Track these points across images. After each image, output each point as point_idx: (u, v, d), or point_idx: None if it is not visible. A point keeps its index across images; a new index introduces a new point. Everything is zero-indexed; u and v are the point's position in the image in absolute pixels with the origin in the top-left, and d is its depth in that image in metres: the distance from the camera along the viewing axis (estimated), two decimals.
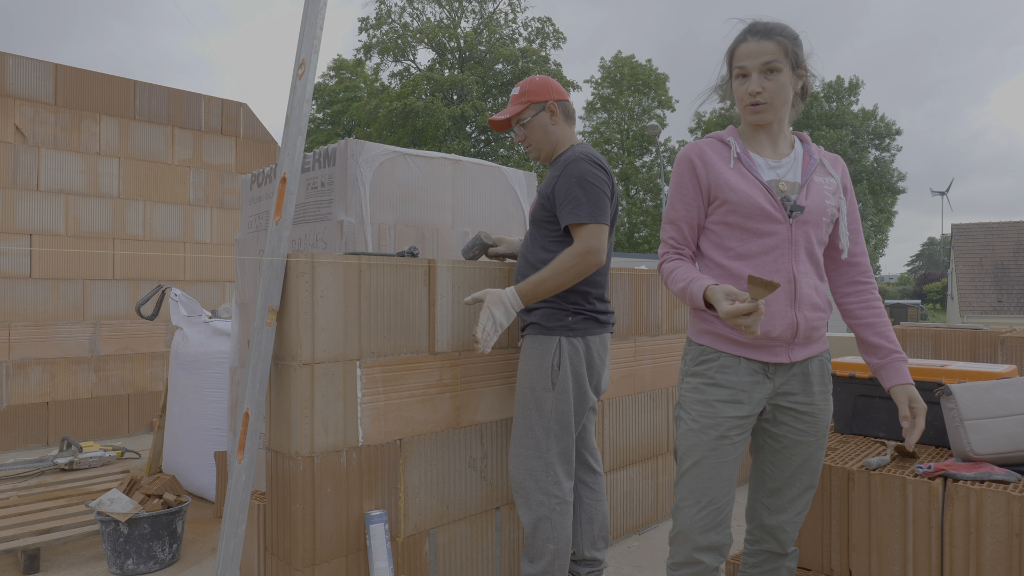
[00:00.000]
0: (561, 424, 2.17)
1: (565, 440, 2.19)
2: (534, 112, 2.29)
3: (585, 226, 2.09)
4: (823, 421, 1.73)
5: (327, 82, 32.27)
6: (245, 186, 3.14)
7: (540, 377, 2.16)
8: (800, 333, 1.64)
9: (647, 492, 3.24)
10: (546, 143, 2.31)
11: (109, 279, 5.39)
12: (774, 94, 1.63)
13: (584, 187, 2.11)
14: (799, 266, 1.63)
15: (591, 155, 2.19)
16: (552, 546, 2.16)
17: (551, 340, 2.17)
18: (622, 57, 34.36)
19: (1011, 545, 1.88)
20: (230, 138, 6.16)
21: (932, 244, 67.27)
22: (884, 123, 34.89)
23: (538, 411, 2.17)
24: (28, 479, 3.89)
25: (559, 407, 2.16)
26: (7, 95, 4.97)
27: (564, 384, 2.16)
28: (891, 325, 1.77)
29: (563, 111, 2.31)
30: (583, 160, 2.15)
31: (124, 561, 2.65)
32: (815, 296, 1.66)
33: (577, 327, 2.18)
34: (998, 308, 20.90)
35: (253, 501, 2.14)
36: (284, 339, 1.96)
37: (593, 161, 2.16)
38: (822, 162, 1.75)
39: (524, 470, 2.18)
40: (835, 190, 1.72)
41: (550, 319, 2.18)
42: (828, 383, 1.74)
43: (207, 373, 3.53)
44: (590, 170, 2.13)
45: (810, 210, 1.64)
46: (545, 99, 2.29)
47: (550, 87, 2.31)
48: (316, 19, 2.07)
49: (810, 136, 26.51)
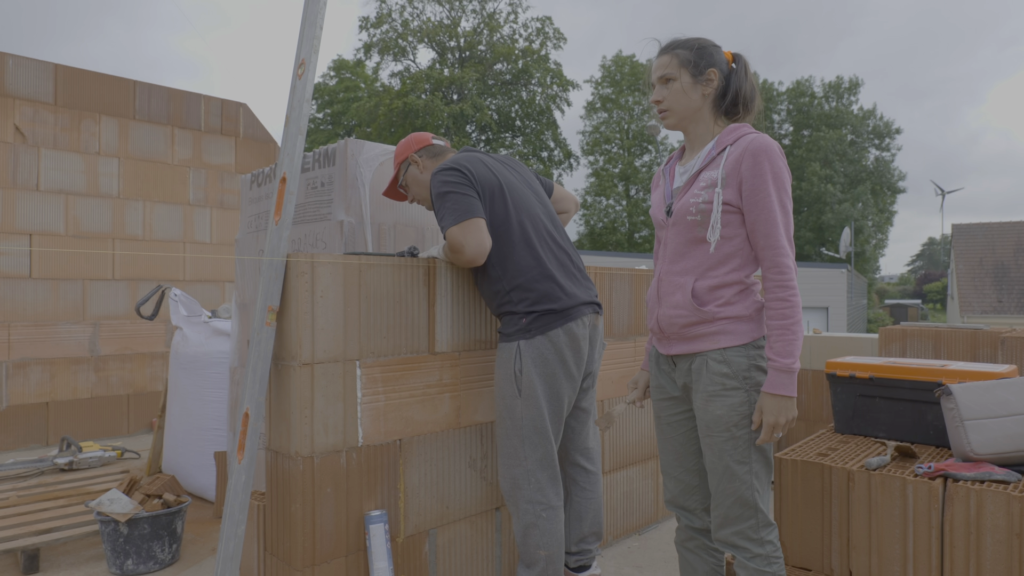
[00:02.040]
0: (536, 430, 2.15)
1: (542, 446, 2.16)
2: (404, 170, 2.43)
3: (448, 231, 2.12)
4: (704, 422, 1.75)
5: (327, 82, 32.26)
6: (245, 186, 3.14)
7: (507, 385, 2.15)
8: (664, 329, 1.81)
9: (647, 492, 3.24)
10: (424, 192, 2.42)
11: (109, 279, 5.39)
12: (672, 101, 1.79)
13: (438, 199, 2.15)
14: (665, 266, 1.82)
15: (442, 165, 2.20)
16: (543, 552, 2.15)
17: (511, 346, 2.15)
18: (622, 57, 34.37)
19: (1011, 545, 1.88)
20: (230, 138, 6.16)
21: (932, 244, 67.28)
22: (883, 122, 34.91)
23: (511, 420, 2.16)
24: (28, 479, 3.89)
25: (529, 413, 2.14)
26: (7, 95, 4.97)
27: (530, 389, 2.13)
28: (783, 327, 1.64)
29: (428, 155, 2.41)
30: (434, 176, 2.18)
31: (124, 561, 2.65)
32: (676, 295, 1.77)
33: (533, 327, 2.13)
34: (998, 308, 20.90)
35: (253, 501, 2.14)
36: (284, 339, 1.96)
37: (441, 169, 2.18)
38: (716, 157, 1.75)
39: (508, 480, 2.19)
40: (710, 184, 1.72)
41: (509, 325, 2.17)
42: (713, 385, 1.72)
43: (207, 373, 3.53)
44: (438, 180, 2.16)
45: (675, 211, 1.79)
46: (407, 155, 2.41)
47: (410, 143, 2.43)
48: (316, 19, 2.06)
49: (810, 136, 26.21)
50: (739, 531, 1.75)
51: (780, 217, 1.66)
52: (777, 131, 35.39)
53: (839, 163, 33.03)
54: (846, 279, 21.35)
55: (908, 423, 2.47)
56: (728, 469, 1.74)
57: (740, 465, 1.73)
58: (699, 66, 1.78)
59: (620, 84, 34.09)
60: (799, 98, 35.22)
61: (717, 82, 1.79)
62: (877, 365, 2.54)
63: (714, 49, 1.81)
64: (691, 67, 1.77)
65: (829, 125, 33.88)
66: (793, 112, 35.56)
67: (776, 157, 1.67)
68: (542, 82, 29.82)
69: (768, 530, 1.76)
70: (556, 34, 30.51)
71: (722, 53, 1.82)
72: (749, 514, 1.74)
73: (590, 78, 37.46)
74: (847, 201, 32.25)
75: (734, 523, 1.76)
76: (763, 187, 1.66)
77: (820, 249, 33.40)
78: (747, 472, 1.73)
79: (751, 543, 1.74)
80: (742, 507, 1.74)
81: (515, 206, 2.21)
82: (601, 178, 34.22)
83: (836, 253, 27.45)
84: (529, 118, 30.16)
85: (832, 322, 20.86)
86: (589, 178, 35.06)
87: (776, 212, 1.66)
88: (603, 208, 34.07)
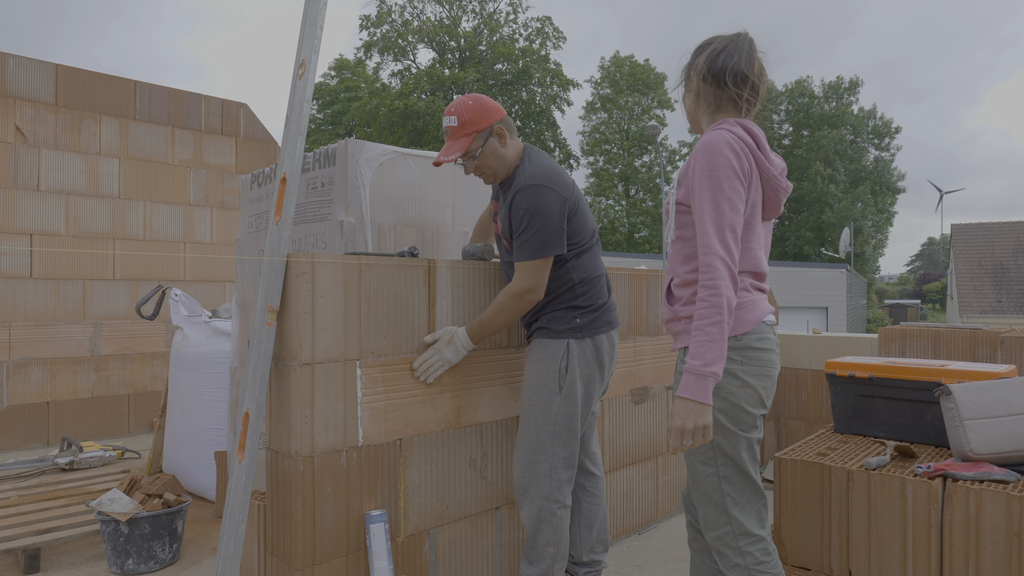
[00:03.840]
0: (567, 428, 2.17)
1: (570, 445, 2.19)
2: (483, 140, 2.18)
3: (525, 263, 2.10)
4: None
5: (328, 82, 32.27)
6: (245, 186, 3.14)
7: (547, 380, 2.16)
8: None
9: (647, 492, 3.24)
10: (500, 166, 2.22)
11: (109, 279, 5.39)
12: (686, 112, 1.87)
13: (531, 220, 2.07)
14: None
15: (541, 175, 2.12)
16: (552, 550, 2.17)
17: (559, 343, 2.16)
18: (621, 57, 34.37)
19: (1010, 545, 1.88)
20: (230, 138, 6.16)
21: (932, 244, 67.29)
22: (883, 121, 34.92)
23: (544, 415, 2.16)
24: (28, 479, 3.89)
25: (566, 411, 2.16)
26: (7, 95, 4.97)
27: (572, 388, 2.16)
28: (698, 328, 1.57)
29: (507, 128, 2.22)
30: (534, 187, 2.09)
31: (124, 561, 2.65)
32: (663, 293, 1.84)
33: (585, 328, 2.18)
34: (998, 308, 20.90)
35: (253, 501, 2.15)
36: (284, 339, 1.96)
37: (543, 185, 2.09)
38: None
39: (529, 474, 2.18)
40: (675, 183, 1.78)
41: (558, 322, 2.18)
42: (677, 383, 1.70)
43: (207, 373, 3.53)
44: (540, 199, 2.08)
45: None
46: (490, 124, 2.18)
47: (490, 109, 2.19)
48: (316, 19, 2.07)
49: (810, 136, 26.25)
50: (718, 536, 1.74)
51: (710, 214, 1.58)
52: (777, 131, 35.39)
53: (840, 162, 33.04)
54: (846, 279, 21.36)
55: (908, 423, 2.48)
56: (694, 468, 1.75)
57: (704, 466, 1.72)
58: (687, 73, 1.80)
59: (619, 84, 34.08)
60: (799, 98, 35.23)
61: (697, 82, 1.76)
62: (876, 365, 2.54)
63: (701, 50, 1.77)
64: (684, 76, 1.82)
65: (830, 125, 33.88)
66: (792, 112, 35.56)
67: (713, 154, 1.60)
68: (542, 82, 29.83)
69: (747, 540, 1.71)
70: (556, 33, 30.52)
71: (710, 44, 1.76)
72: (723, 520, 1.72)
73: (590, 79, 37.44)
74: (847, 201, 32.25)
75: (712, 527, 1.75)
76: (696, 184, 1.63)
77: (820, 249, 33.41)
78: (712, 475, 1.71)
79: (731, 551, 1.72)
80: (715, 511, 1.73)
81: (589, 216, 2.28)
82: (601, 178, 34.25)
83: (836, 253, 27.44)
84: (529, 118, 30.16)
85: (831, 322, 20.87)
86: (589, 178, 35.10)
87: (706, 209, 1.59)
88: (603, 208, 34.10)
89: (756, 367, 1.67)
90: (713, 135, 1.63)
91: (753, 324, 1.68)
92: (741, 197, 1.61)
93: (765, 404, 1.70)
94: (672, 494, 3.39)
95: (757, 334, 1.69)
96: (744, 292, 1.70)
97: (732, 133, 1.64)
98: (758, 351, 1.68)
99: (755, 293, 1.73)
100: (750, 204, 1.67)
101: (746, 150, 1.64)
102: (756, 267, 1.72)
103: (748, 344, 1.67)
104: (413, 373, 2.16)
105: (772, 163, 1.71)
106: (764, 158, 1.69)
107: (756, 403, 1.68)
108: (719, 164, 1.59)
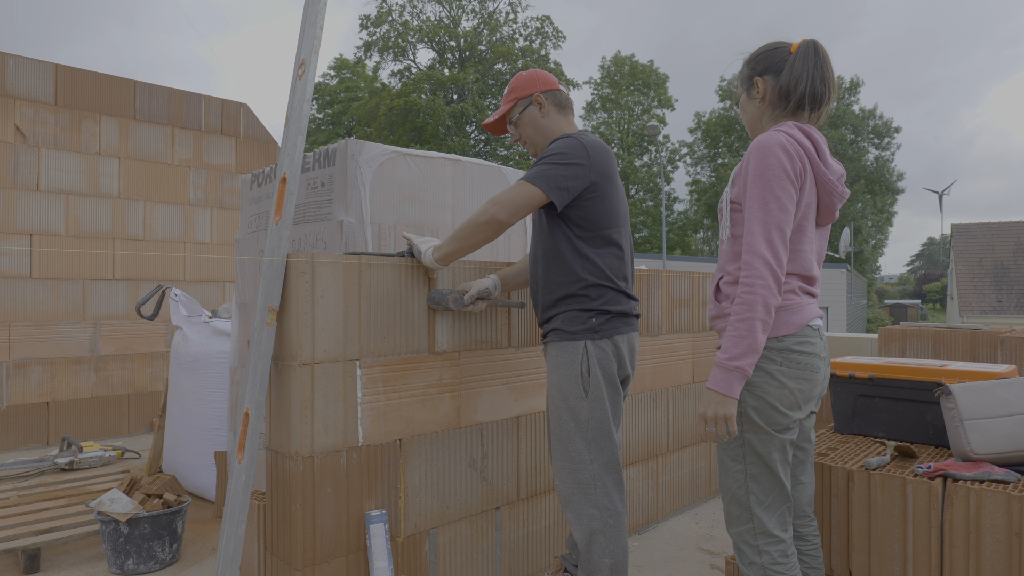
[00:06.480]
0: (601, 432, 2.05)
1: (608, 448, 2.06)
2: (522, 108, 2.18)
3: (517, 182, 1.99)
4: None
5: (327, 82, 32.27)
6: (245, 186, 3.14)
7: (571, 386, 2.03)
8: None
9: (647, 492, 3.24)
10: (539, 137, 2.18)
11: (109, 279, 5.39)
12: (742, 117, 1.89)
13: (547, 155, 2.01)
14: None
15: (578, 135, 2.07)
16: (609, 560, 2.04)
17: (576, 345, 2.03)
18: (621, 57, 34.38)
19: (1011, 545, 1.88)
20: (230, 138, 6.16)
21: (932, 244, 67.26)
22: (883, 121, 34.94)
23: (575, 422, 2.03)
24: (28, 479, 3.89)
25: (596, 415, 2.03)
26: (7, 95, 4.97)
27: (597, 390, 2.03)
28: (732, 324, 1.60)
29: (553, 101, 2.18)
30: (564, 137, 2.05)
31: (124, 561, 2.65)
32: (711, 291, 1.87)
33: (603, 328, 2.05)
34: (998, 308, 20.90)
35: (253, 501, 2.15)
36: (284, 339, 1.96)
37: (573, 136, 2.05)
38: None
39: (572, 484, 2.05)
40: (730, 182, 1.78)
41: (572, 323, 2.05)
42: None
43: (207, 373, 3.53)
44: (565, 142, 2.03)
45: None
46: (531, 92, 2.17)
47: (536, 79, 2.18)
48: (316, 19, 2.07)
49: None
50: (738, 532, 1.76)
51: (758, 213, 1.61)
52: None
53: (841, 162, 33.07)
54: (846, 279, 21.36)
55: (908, 423, 2.48)
56: (723, 463, 1.77)
57: (733, 462, 1.73)
58: (749, 79, 1.81)
59: (619, 84, 34.09)
60: None
61: (764, 88, 1.77)
62: (877, 365, 2.54)
63: (768, 54, 1.77)
64: (745, 82, 1.82)
65: (830, 125, 33.88)
66: None
67: (764, 153, 1.62)
68: None
69: (767, 540, 1.71)
70: (555, 33, 30.53)
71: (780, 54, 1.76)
72: (745, 517, 1.73)
73: (589, 79, 37.47)
74: (847, 201, 32.24)
75: (733, 523, 1.76)
76: (748, 184, 1.65)
77: None
78: (740, 471, 1.72)
79: (749, 548, 1.73)
80: (739, 507, 1.74)
81: (620, 202, 2.14)
82: None
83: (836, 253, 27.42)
84: None
85: (832, 322, 20.87)
86: None
87: (755, 208, 1.62)
88: None
89: (795, 369, 1.66)
90: (767, 136, 1.65)
91: (797, 327, 1.67)
92: (791, 198, 1.62)
93: (802, 407, 1.69)
94: (672, 494, 3.39)
95: (800, 337, 1.67)
96: (791, 295, 1.68)
97: (788, 135, 1.65)
98: (799, 354, 1.67)
99: (803, 296, 1.71)
100: (803, 206, 1.66)
101: (800, 152, 1.65)
102: (806, 270, 1.70)
103: (789, 346, 1.66)
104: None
105: (830, 168, 1.72)
106: (821, 163, 1.69)
107: (791, 405, 1.67)
108: (770, 164, 1.61)
